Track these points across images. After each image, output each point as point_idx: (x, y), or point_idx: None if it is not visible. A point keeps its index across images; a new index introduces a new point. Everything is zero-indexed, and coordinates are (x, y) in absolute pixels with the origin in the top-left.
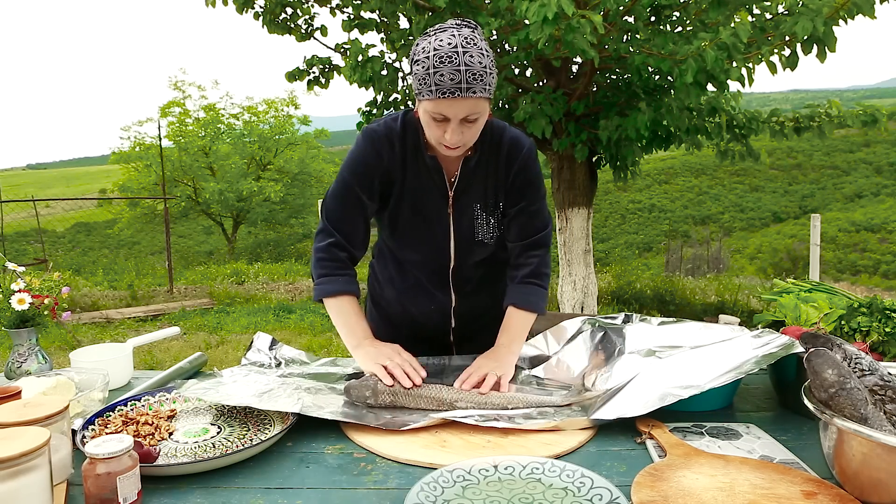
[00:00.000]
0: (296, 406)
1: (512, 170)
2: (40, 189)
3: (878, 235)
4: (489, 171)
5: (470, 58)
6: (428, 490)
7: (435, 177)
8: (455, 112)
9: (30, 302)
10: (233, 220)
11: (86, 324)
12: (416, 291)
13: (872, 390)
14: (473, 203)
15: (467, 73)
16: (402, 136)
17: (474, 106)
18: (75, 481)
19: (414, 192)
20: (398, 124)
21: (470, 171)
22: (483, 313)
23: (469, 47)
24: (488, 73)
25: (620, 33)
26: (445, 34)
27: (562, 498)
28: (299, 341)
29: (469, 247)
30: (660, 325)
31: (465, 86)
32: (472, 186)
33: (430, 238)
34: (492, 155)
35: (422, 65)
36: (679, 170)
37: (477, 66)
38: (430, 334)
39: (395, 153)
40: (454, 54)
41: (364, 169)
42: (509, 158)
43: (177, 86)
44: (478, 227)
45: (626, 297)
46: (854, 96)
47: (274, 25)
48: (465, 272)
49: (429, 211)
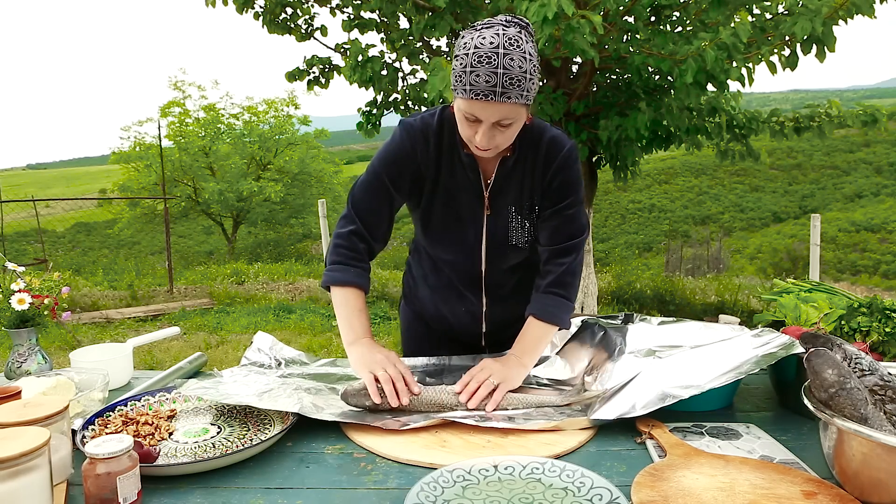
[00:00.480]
0: (296, 406)
1: (550, 170)
2: (40, 189)
3: (878, 235)
4: (526, 172)
5: (510, 60)
6: (428, 490)
7: (471, 175)
8: (487, 115)
9: (30, 302)
10: (233, 220)
11: (86, 324)
12: (449, 292)
13: (872, 390)
14: (509, 205)
15: (504, 77)
16: (439, 132)
17: (508, 111)
18: (75, 481)
19: (448, 190)
20: (435, 120)
21: (507, 172)
22: (517, 320)
23: (511, 49)
24: (527, 79)
25: (620, 33)
26: (490, 31)
27: (562, 498)
28: (299, 341)
29: (502, 250)
30: (660, 324)
31: (501, 90)
32: (509, 187)
33: (462, 239)
34: (530, 155)
35: (460, 61)
36: (679, 170)
37: (515, 71)
38: (462, 336)
39: (429, 149)
40: (494, 55)
41: (396, 161)
42: (548, 158)
43: (177, 86)
44: (512, 230)
45: (626, 297)
46: (854, 96)
47: (274, 25)
48: (497, 277)
49: (463, 210)
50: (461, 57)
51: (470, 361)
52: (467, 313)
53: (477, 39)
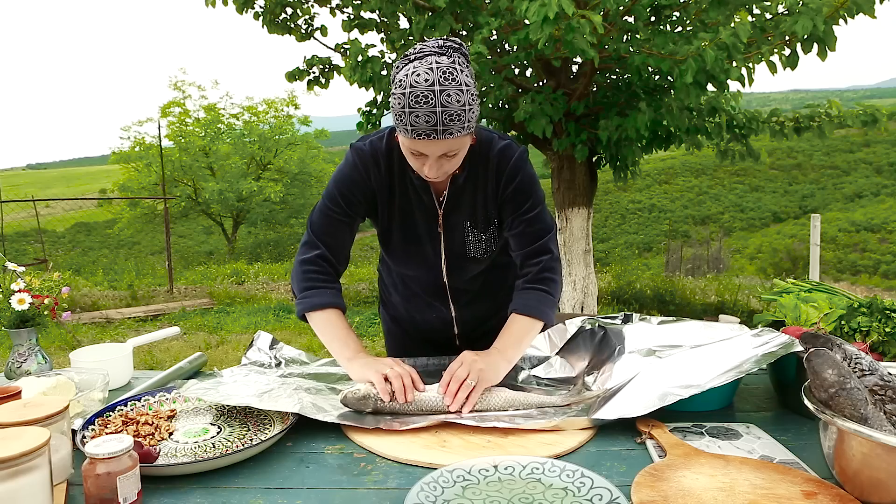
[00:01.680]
0: (296, 406)
1: (501, 180)
2: (40, 189)
3: (878, 235)
4: (479, 187)
5: (447, 97)
6: (428, 490)
7: (423, 197)
8: (432, 151)
9: (30, 302)
10: (233, 220)
11: (86, 324)
12: (417, 301)
13: (872, 390)
14: (463, 221)
15: (444, 115)
16: (388, 155)
17: (452, 144)
18: (75, 481)
19: (403, 211)
20: (384, 144)
21: (459, 189)
22: (486, 318)
23: (447, 84)
24: (467, 111)
25: (620, 33)
26: (423, 66)
27: (562, 498)
28: (299, 341)
29: (461, 263)
30: (660, 324)
31: (442, 128)
32: (462, 204)
33: (422, 255)
34: (480, 169)
35: (398, 100)
36: (679, 170)
37: (454, 107)
38: (436, 337)
39: (381, 173)
40: (430, 93)
41: (350, 185)
42: (498, 170)
43: (177, 86)
44: (469, 243)
45: (626, 297)
46: (854, 96)
47: (274, 25)
48: (460, 286)
49: (419, 229)
50: (398, 96)
51: None
52: (438, 319)
53: (412, 77)
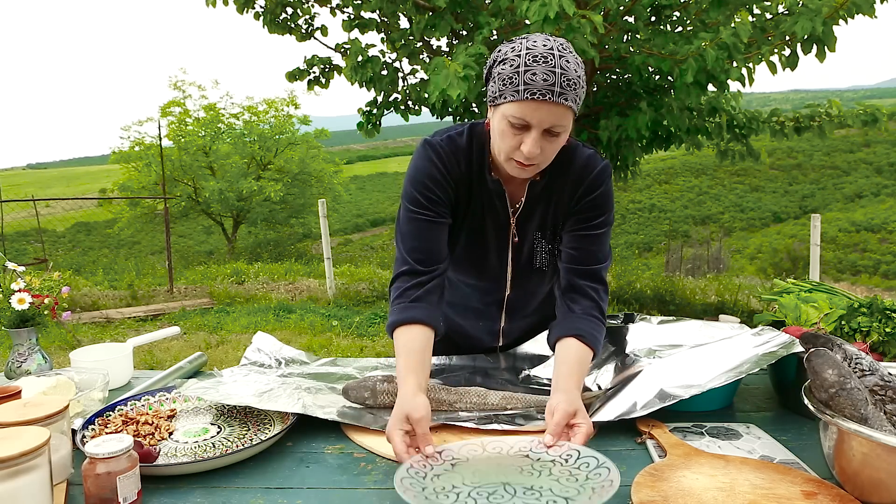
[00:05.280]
0: (296, 406)
1: (579, 190)
2: (40, 189)
3: (878, 235)
4: (554, 195)
5: (566, 62)
6: (418, 467)
7: (497, 202)
8: (541, 118)
9: (30, 302)
10: (233, 219)
11: (86, 324)
12: (467, 311)
13: (872, 390)
14: (534, 231)
15: (562, 77)
16: (469, 152)
17: (562, 116)
18: (75, 481)
19: (474, 216)
20: (464, 138)
21: (535, 197)
22: (530, 332)
23: (565, 52)
24: (580, 86)
25: (621, 33)
26: (540, 38)
27: (549, 468)
28: (299, 341)
29: (527, 275)
30: (660, 324)
31: (559, 90)
32: (535, 213)
33: (487, 266)
34: (560, 177)
35: (510, 63)
36: (679, 170)
37: (572, 73)
38: (475, 346)
39: (461, 170)
40: (549, 55)
41: (431, 184)
42: (580, 179)
43: (177, 86)
44: (536, 254)
45: (626, 297)
46: (854, 96)
47: (274, 25)
48: (520, 300)
49: (489, 236)
50: (511, 60)
51: (469, 361)
52: (484, 329)
53: (528, 43)
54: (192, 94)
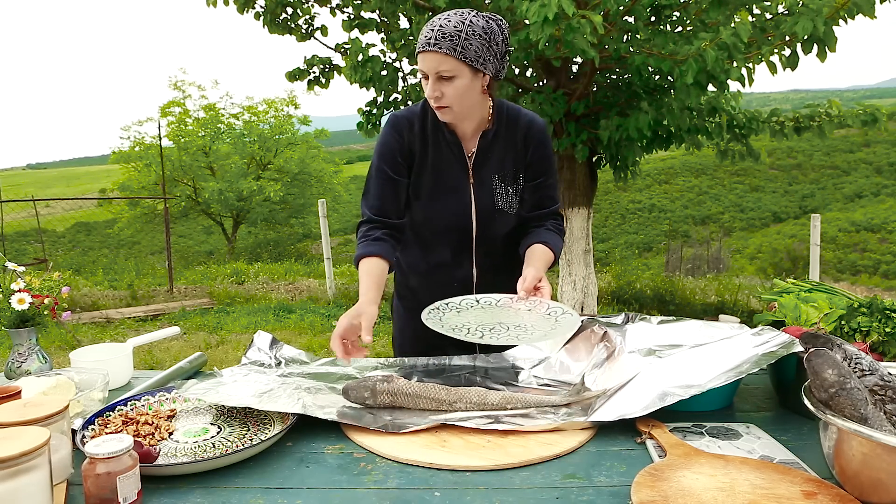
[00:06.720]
0: (296, 406)
1: (530, 145)
2: (40, 189)
3: (878, 235)
4: (507, 146)
5: (447, 22)
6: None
7: (455, 150)
8: (427, 66)
9: (30, 302)
10: (233, 219)
11: (86, 324)
12: (439, 270)
13: (872, 390)
14: (492, 174)
15: (437, 32)
16: (423, 116)
17: (441, 62)
18: (75, 481)
19: (435, 164)
20: (419, 107)
21: (487, 145)
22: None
23: (455, 17)
24: (462, 38)
25: (620, 33)
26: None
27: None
28: (299, 341)
29: (490, 215)
30: (660, 324)
31: (434, 41)
32: (491, 159)
33: (453, 205)
34: (508, 130)
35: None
36: (679, 170)
37: (450, 29)
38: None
39: (414, 132)
40: (438, 19)
41: (388, 150)
42: (527, 135)
43: (177, 86)
44: (497, 196)
45: (626, 297)
46: (854, 96)
47: (274, 25)
48: (487, 244)
49: (450, 181)
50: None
51: (469, 361)
52: (458, 288)
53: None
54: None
